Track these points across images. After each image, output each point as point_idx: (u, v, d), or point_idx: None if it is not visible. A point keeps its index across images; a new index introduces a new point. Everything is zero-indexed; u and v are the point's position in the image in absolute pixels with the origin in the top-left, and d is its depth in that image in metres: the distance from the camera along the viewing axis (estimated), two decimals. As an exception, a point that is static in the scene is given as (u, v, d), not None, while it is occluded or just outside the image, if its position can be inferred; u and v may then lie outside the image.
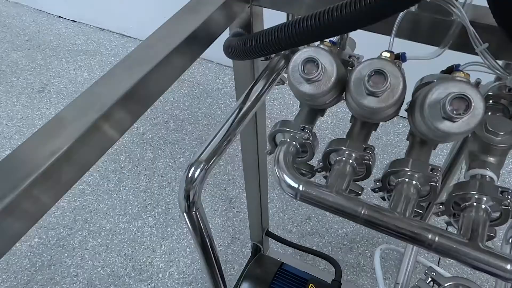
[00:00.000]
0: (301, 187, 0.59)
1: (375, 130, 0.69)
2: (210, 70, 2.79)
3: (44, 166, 0.45)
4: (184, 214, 0.66)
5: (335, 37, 0.77)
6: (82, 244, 1.93)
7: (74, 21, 3.23)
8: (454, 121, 0.47)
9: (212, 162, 0.64)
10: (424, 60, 0.65)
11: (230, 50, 0.71)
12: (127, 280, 1.81)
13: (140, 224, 1.99)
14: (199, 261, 1.85)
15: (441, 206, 0.61)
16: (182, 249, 1.89)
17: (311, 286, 1.19)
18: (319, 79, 0.53)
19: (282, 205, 2.03)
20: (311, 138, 0.62)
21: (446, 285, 0.60)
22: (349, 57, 0.70)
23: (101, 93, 0.53)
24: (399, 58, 0.66)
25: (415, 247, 1.14)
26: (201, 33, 0.66)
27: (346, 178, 0.61)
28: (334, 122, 2.34)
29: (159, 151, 2.30)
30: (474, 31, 0.54)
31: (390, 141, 2.26)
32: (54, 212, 2.04)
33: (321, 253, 1.37)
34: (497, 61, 0.54)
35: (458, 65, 0.53)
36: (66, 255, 1.89)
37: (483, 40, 0.57)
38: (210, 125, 2.41)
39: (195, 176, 0.62)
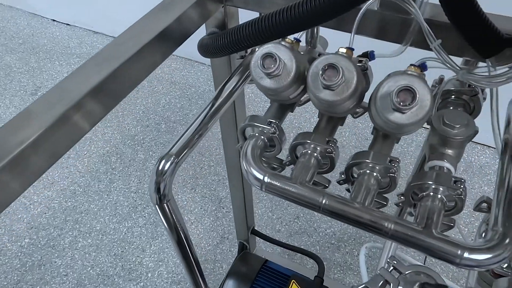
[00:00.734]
0: (266, 179, 0.61)
1: (342, 125, 0.71)
2: (202, 73, 2.82)
3: (12, 154, 0.47)
4: (156, 206, 0.68)
5: (307, 35, 0.80)
6: (72, 244, 1.94)
7: (68, 24, 3.26)
8: (403, 113, 0.49)
9: (183, 155, 0.66)
10: (391, 57, 0.68)
11: (202, 48, 0.73)
12: (116, 279, 1.82)
13: (130, 224, 2.01)
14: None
15: (402, 197, 0.63)
16: (171, 248, 1.91)
17: (293, 282, 1.21)
18: (278, 73, 0.55)
19: (271, 205, 2.05)
20: (277, 132, 0.65)
21: (406, 273, 0.62)
22: (319, 55, 0.72)
23: (70, 87, 0.55)
24: (368, 56, 0.69)
25: (393, 244, 1.16)
26: (173, 31, 0.69)
27: (310, 170, 0.63)
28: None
29: (150, 152, 2.32)
30: (428, 28, 0.57)
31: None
32: (45, 213, 2.06)
33: (304, 250, 1.39)
34: (451, 56, 0.57)
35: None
36: (56, 255, 1.90)
37: (440, 37, 0.59)
38: (201, 126, 2.43)
39: (165, 169, 0.64)
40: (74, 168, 2.26)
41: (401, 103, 0.48)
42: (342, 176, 0.66)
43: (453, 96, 0.70)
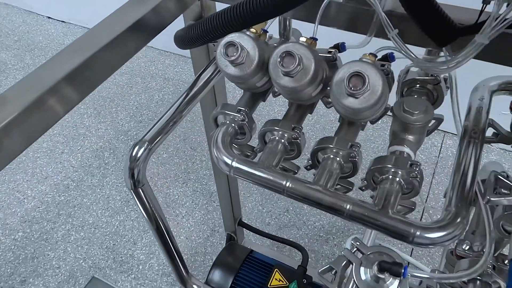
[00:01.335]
0: (233, 163, 0.64)
1: (311, 113, 0.74)
2: (196, 69, 2.85)
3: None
4: (131, 191, 0.70)
5: (280, 27, 0.83)
6: (65, 237, 1.97)
7: (63, 21, 3.28)
8: (356, 97, 0.52)
9: (156, 142, 0.69)
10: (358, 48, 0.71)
11: (176, 39, 0.76)
12: (108, 271, 1.85)
13: (122, 218, 2.04)
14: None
15: (365, 181, 0.66)
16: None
17: (276, 271, 1.24)
18: (241, 61, 0.58)
19: (261, 198, 2.08)
20: (246, 120, 0.67)
21: (368, 253, 0.65)
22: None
23: (45, 73, 0.58)
24: (338, 47, 0.72)
25: (373, 233, 1.19)
26: (148, 22, 0.71)
27: (277, 155, 0.66)
28: (315, 119, 2.40)
29: (143, 148, 2.35)
30: (386, 18, 0.59)
31: (368, 136, 2.31)
32: (39, 207, 2.08)
33: (287, 240, 1.42)
34: (407, 45, 0.59)
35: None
36: (49, 248, 1.93)
37: (399, 27, 0.62)
38: (194, 122, 2.46)
39: (139, 155, 0.67)
40: (67, 163, 2.29)
41: (352, 88, 0.51)
42: (309, 162, 0.68)
43: (417, 85, 0.73)
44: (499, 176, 0.55)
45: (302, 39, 0.57)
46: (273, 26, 0.80)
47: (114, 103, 2.62)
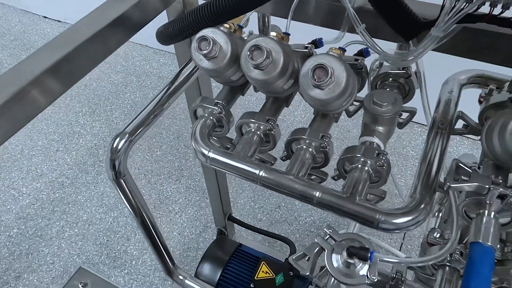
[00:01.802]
0: (210, 154, 0.67)
1: (287, 106, 0.76)
2: (190, 68, 2.87)
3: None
4: (113, 181, 0.73)
5: (259, 23, 0.85)
6: (59, 233, 2.00)
7: (59, 21, 3.31)
8: (322, 89, 0.55)
9: (137, 134, 0.72)
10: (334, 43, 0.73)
11: (157, 35, 0.78)
12: (101, 267, 1.87)
13: (116, 214, 2.06)
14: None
15: (337, 171, 0.68)
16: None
17: (263, 263, 1.26)
18: (214, 55, 0.60)
19: (253, 195, 2.10)
20: (223, 113, 0.70)
21: (340, 240, 0.67)
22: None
23: (27, 67, 0.60)
24: (316, 43, 0.74)
25: (357, 225, 1.22)
26: (130, 17, 0.74)
27: (252, 146, 0.68)
28: (308, 116, 2.42)
29: (137, 145, 2.37)
30: (354, 14, 0.62)
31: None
32: (33, 204, 2.11)
33: (276, 234, 1.45)
34: (374, 39, 0.62)
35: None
36: (43, 244, 1.96)
37: (371, 23, 0.65)
38: (187, 119, 2.48)
39: (119, 147, 0.70)
40: (62, 161, 2.31)
41: (317, 80, 0.53)
42: (284, 153, 0.71)
43: (390, 79, 0.75)
44: (460, 164, 0.58)
45: (272, 33, 0.60)
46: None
47: (109, 102, 2.65)
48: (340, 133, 2.33)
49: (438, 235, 0.75)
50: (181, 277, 1.01)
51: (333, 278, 1.12)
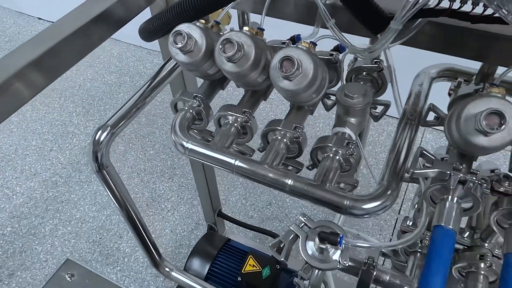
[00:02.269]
0: (188, 145, 0.69)
1: (265, 100, 0.79)
2: (183, 68, 2.90)
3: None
4: (96, 173, 0.75)
5: (239, 20, 0.88)
6: (53, 232, 2.02)
7: (54, 22, 3.32)
8: (290, 80, 0.57)
9: (119, 127, 0.74)
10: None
11: (140, 31, 0.81)
12: (94, 264, 1.89)
13: (108, 212, 2.08)
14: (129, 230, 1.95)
15: (311, 161, 0.71)
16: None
17: (250, 257, 1.29)
18: (190, 49, 0.63)
19: (245, 192, 2.13)
20: (202, 106, 0.73)
21: (314, 227, 0.70)
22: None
23: (9, 61, 0.63)
24: (294, 39, 0.77)
25: (341, 219, 1.24)
26: (113, 14, 0.76)
27: (230, 137, 0.71)
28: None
29: (130, 144, 2.40)
30: (324, 9, 0.64)
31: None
32: (27, 203, 2.13)
33: (263, 229, 1.47)
34: (352, 35, 0.65)
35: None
36: (37, 242, 1.98)
37: (343, 19, 0.68)
38: (180, 119, 2.50)
39: (101, 139, 0.72)
40: (56, 160, 2.33)
41: (284, 71, 0.56)
42: (261, 144, 0.74)
43: (364, 73, 0.78)
44: (424, 152, 0.61)
45: (245, 28, 0.63)
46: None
47: (103, 102, 2.67)
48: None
49: (411, 223, 0.78)
50: (167, 269, 1.03)
51: (317, 270, 1.15)
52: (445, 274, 0.54)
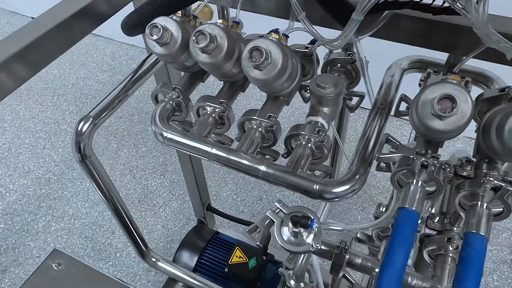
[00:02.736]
0: (167, 135, 0.72)
1: (243, 91, 0.82)
2: (176, 66, 2.92)
3: None
4: (79, 163, 0.78)
5: (219, 16, 0.91)
6: (46, 228, 2.04)
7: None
8: (260, 69, 0.60)
9: (101, 118, 0.77)
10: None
11: (121, 26, 0.83)
12: (86, 259, 1.92)
13: (101, 208, 2.11)
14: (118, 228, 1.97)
15: (286, 149, 0.74)
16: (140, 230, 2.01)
17: (237, 249, 1.32)
18: (166, 42, 0.65)
19: (236, 188, 2.16)
20: (181, 97, 0.75)
21: (288, 212, 0.73)
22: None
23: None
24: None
25: (325, 210, 1.27)
26: (95, 9, 0.79)
27: (207, 127, 0.73)
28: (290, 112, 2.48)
29: (123, 142, 2.42)
30: (296, 3, 0.67)
31: (340, 128, 2.39)
32: (20, 200, 2.15)
33: (252, 223, 1.49)
34: (314, 26, 0.67)
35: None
36: (29, 238, 2.00)
37: (313, 12, 0.70)
38: (172, 116, 2.53)
39: (84, 130, 0.75)
40: (49, 158, 2.36)
41: (253, 60, 0.58)
42: (238, 134, 0.76)
43: (338, 65, 0.81)
44: (389, 137, 0.64)
45: (219, 21, 0.65)
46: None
47: (96, 100, 2.68)
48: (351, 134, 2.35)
49: (384, 209, 0.80)
50: (153, 259, 1.05)
51: (300, 260, 1.18)
52: (407, 252, 0.57)
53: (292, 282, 1.19)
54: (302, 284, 1.19)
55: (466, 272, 0.55)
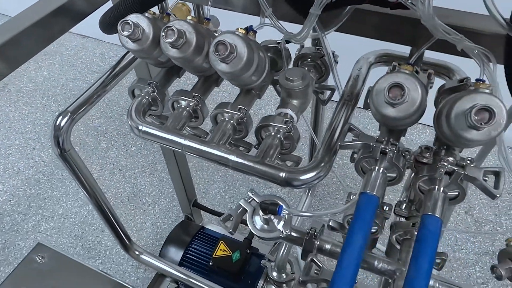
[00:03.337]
0: (142, 128, 0.75)
1: (217, 86, 0.85)
2: (165, 66, 2.94)
3: None
4: (58, 157, 0.80)
5: (195, 13, 0.94)
6: (35, 228, 2.06)
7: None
8: (227, 63, 0.63)
9: (79, 113, 0.79)
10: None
11: (99, 25, 0.86)
12: (76, 257, 1.93)
13: (91, 207, 2.12)
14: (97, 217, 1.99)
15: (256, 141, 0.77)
16: (129, 228, 2.03)
17: (221, 242, 1.34)
18: (138, 38, 0.68)
19: (225, 185, 2.18)
20: (156, 92, 0.78)
21: (259, 201, 0.76)
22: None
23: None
24: (247, 30, 0.83)
25: (306, 203, 1.31)
26: (73, 7, 0.81)
27: (182, 120, 0.76)
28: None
29: (112, 142, 2.44)
30: (263, 0, 0.70)
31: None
32: (10, 201, 2.16)
33: (236, 216, 1.52)
34: (281, 21, 0.71)
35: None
36: (19, 238, 2.02)
37: (283, 9, 0.73)
38: (162, 116, 2.55)
39: (62, 124, 0.77)
40: (39, 158, 2.37)
41: (218, 54, 0.61)
42: (212, 126, 0.79)
43: (309, 59, 0.84)
44: (351, 127, 0.67)
45: (189, 17, 0.68)
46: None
47: (85, 101, 2.70)
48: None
49: (353, 197, 0.84)
50: (137, 252, 1.08)
51: (281, 251, 1.21)
52: (367, 233, 0.60)
53: (274, 273, 1.22)
54: (284, 275, 1.23)
55: (421, 252, 0.58)
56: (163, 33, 0.64)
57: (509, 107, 0.69)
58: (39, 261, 0.92)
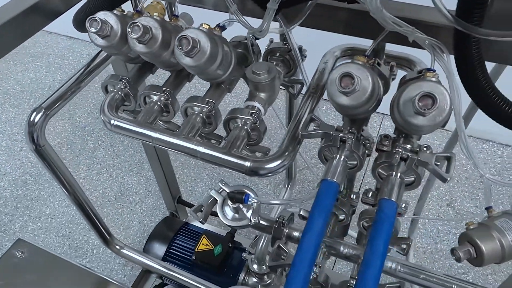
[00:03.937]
0: (114, 122, 0.77)
1: (189, 81, 0.87)
2: (152, 66, 2.96)
3: None
4: (33, 152, 0.82)
5: (168, 12, 0.96)
6: (23, 228, 2.06)
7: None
8: (191, 57, 0.65)
9: (53, 109, 0.81)
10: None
11: (72, 22, 0.88)
12: (63, 257, 1.94)
13: (78, 207, 2.14)
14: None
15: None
16: (116, 227, 2.05)
17: (204, 237, 1.37)
18: (106, 34, 0.71)
19: (211, 183, 2.21)
20: (128, 87, 0.80)
21: (229, 191, 0.78)
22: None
23: None
24: (220, 27, 0.85)
25: (287, 193, 1.33)
26: (47, 5, 0.83)
27: (153, 114, 0.79)
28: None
29: (100, 142, 2.45)
30: (227, -4, 0.73)
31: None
32: (-3, 202, 2.17)
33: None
34: (245, 17, 0.73)
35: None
36: (6, 239, 2.02)
37: (250, 5, 0.76)
38: (149, 115, 2.57)
39: (36, 120, 0.79)
40: (26, 160, 2.38)
41: (181, 48, 0.64)
42: (183, 118, 0.82)
43: (277, 54, 0.87)
44: (313, 117, 0.70)
45: (155, 14, 0.71)
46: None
47: (72, 101, 2.69)
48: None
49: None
50: (117, 247, 1.10)
51: (260, 244, 1.24)
52: (326, 218, 0.63)
53: (255, 266, 1.25)
54: (264, 267, 1.25)
55: (377, 234, 0.61)
56: (129, 29, 0.67)
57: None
58: (19, 256, 0.93)
